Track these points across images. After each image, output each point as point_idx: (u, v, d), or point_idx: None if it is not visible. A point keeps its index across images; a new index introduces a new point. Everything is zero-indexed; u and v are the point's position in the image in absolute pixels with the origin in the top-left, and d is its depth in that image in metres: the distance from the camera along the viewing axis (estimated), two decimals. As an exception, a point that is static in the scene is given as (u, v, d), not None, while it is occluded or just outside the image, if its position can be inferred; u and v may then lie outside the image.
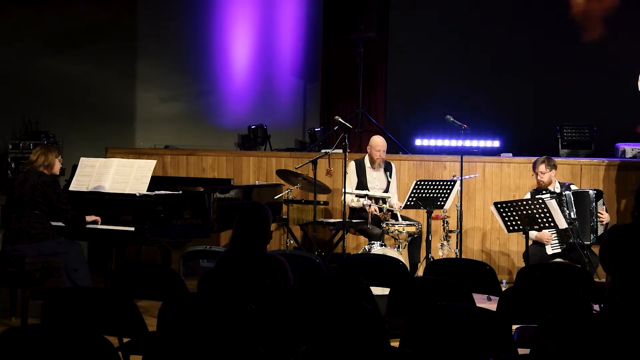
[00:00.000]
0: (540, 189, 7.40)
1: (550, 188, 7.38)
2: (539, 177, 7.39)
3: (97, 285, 6.79)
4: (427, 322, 3.91)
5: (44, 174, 6.49)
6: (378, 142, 8.10)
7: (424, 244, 7.61)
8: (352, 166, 8.01)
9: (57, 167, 6.62)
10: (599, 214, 7.16)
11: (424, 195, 7.44)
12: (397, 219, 7.58)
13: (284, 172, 8.17)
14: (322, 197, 8.26)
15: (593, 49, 10.26)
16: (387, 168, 8.15)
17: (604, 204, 7.27)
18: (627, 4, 10.24)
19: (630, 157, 8.78)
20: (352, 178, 7.93)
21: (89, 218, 6.67)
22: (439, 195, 7.44)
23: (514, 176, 8.68)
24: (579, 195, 7.25)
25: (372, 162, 8.09)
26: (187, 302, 4.20)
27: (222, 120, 10.40)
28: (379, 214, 7.60)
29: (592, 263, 6.90)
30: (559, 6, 10.44)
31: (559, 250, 7.20)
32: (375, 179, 8.09)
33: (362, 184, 8.02)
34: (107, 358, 3.29)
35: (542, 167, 7.37)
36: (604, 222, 7.17)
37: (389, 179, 8.09)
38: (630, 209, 5.12)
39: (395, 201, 7.99)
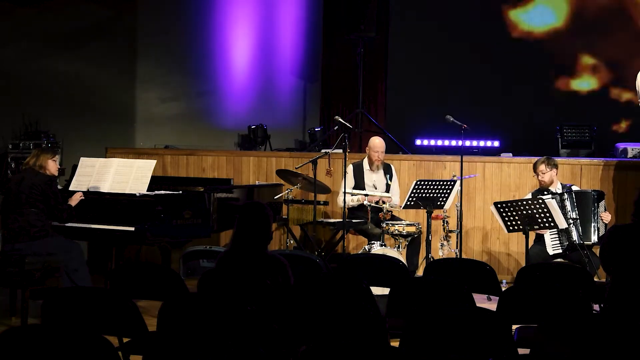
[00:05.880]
0: (542, 189, 7.40)
1: (552, 189, 7.37)
2: (540, 177, 7.40)
3: (97, 285, 6.79)
4: (427, 322, 3.90)
5: (41, 173, 6.51)
6: (376, 143, 8.09)
7: (423, 244, 7.60)
8: (349, 169, 7.97)
9: (51, 167, 6.62)
10: (600, 216, 7.16)
11: (424, 195, 7.43)
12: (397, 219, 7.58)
13: (284, 172, 8.16)
14: (322, 197, 8.25)
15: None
16: (387, 170, 8.13)
17: (604, 205, 7.28)
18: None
19: (630, 157, 8.77)
20: (348, 181, 7.89)
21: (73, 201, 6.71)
22: (439, 195, 7.44)
23: (514, 176, 8.68)
24: (580, 196, 7.24)
25: (371, 163, 8.09)
26: (187, 302, 4.20)
27: (222, 120, 10.40)
28: (378, 205, 7.57)
29: (593, 263, 6.90)
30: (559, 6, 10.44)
31: (560, 251, 7.20)
32: (375, 181, 8.08)
33: (359, 186, 8.00)
34: (107, 358, 3.29)
35: (542, 167, 7.38)
36: (605, 223, 7.17)
37: (389, 182, 8.08)
38: (629, 209, 5.12)
39: (397, 201, 7.99)
